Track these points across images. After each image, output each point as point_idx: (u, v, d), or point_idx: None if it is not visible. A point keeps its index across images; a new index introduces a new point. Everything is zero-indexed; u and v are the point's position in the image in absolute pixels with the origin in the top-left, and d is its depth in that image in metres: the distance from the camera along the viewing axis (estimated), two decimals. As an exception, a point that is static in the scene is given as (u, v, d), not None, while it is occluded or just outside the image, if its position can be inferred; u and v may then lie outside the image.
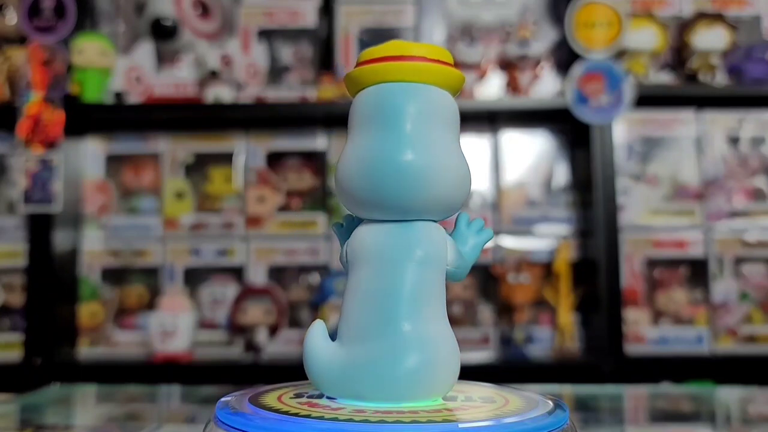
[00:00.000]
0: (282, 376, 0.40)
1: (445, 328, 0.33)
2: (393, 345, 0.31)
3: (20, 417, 0.60)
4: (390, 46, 0.34)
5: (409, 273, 0.32)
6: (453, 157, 0.34)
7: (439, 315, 0.33)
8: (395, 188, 0.32)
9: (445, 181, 0.33)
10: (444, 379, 0.32)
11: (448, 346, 0.32)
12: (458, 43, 1.22)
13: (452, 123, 0.35)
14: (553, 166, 1.26)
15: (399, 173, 0.32)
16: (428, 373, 0.31)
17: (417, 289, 0.32)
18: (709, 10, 1.25)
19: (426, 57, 0.34)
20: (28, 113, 1.15)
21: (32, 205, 1.15)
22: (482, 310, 1.21)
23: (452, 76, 0.35)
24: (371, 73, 0.34)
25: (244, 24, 1.26)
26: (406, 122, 0.33)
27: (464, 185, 0.34)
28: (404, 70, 0.34)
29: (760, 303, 1.19)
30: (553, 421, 0.30)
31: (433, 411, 0.31)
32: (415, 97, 0.33)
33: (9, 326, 1.20)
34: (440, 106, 0.34)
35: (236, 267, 1.23)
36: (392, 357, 0.31)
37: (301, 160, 1.26)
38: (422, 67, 0.34)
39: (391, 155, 0.32)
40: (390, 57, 0.34)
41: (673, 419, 0.63)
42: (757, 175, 1.22)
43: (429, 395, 0.32)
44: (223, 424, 0.30)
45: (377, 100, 0.34)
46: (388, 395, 0.31)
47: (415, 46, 0.34)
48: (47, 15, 1.18)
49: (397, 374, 0.31)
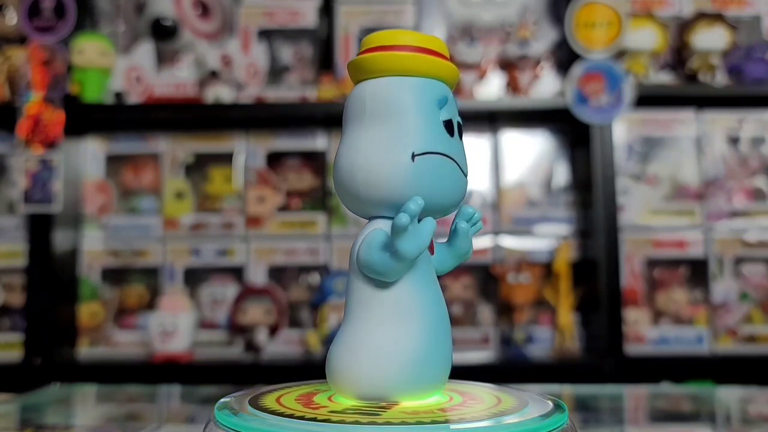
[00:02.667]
0: (282, 376, 0.40)
1: (374, 332, 0.32)
2: None
3: (20, 417, 0.60)
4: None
5: (350, 278, 0.34)
6: None
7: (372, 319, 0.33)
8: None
9: None
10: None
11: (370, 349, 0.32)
12: (458, 43, 1.22)
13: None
14: (553, 166, 1.26)
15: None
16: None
17: (347, 295, 0.34)
18: (709, 10, 1.25)
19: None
20: (28, 113, 1.15)
21: (32, 205, 1.15)
22: (482, 310, 1.21)
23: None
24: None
25: (244, 24, 1.26)
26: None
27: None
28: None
29: (760, 303, 1.19)
30: (553, 421, 0.30)
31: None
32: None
33: (9, 326, 1.20)
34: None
35: (236, 267, 1.23)
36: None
37: (301, 160, 1.25)
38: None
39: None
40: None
41: (673, 419, 0.63)
42: (757, 175, 1.22)
43: None
44: (221, 426, 0.30)
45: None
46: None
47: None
48: (47, 15, 1.18)
49: None
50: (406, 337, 0.32)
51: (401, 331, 0.32)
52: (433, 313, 0.33)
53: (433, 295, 0.34)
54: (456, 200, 0.34)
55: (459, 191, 0.34)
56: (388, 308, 0.32)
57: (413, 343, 0.32)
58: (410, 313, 0.32)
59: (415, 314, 0.32)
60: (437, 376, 0.33)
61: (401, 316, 0.32)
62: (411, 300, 0.33)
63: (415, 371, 0.32)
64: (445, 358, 0.33)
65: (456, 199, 0.34)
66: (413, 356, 0.32)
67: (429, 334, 0.32)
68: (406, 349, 0.32)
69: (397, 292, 0.33)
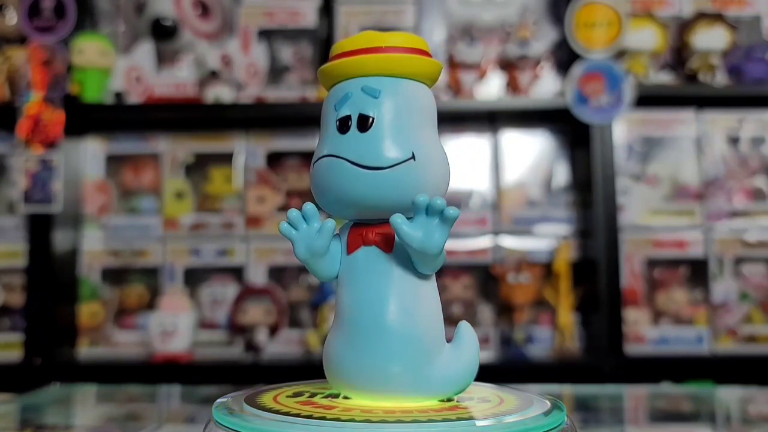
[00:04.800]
0: (282, 376, 0.40)
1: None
2: None
3: (20, 417, 0.61)
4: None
5: None
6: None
7: None
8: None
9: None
10: None
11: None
12: (458, 43, 1.22)
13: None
14: (553, 166, 1.26)
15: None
16: None
17: None
18: (709, 10, 1.25)
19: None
20: (28, 113, 1.15)
21: (32, 205, 1.15)
22: (482, 310, 1.21)
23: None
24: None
25: (244, 24, 1.26)
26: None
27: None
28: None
29: (760, 303, 1.19)
30: (552, 421, 0.30)
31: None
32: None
33: (9, 326, 1.20)
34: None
35: (236, 267, 1.23)
36: None
37: (301, 160, 1.26)
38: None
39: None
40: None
41: (673, 419, 0.63)
42: (757, 175, 1.22)
43: None
44: (220, 425, 0.30)
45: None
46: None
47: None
48: (47, 15, 1.18)
49: None
50: (333, 339, 0.34)
51: (333, 332, 0.34)
52: (355, 317, 0.32)
53: (364, 298, 0.33)
54: (362, 194, 0.32)
55: (357, 187, 0.32)
56: (337, 308, 0.34)
57: (337, 346, 0.33)
58: (341, 314, 0.33)
59: (344, 316, 0.33)
60: (365, 381, 0.32)
61: (338, 316, 0.34)
62: (342, 301, 0.33)
63: (343, 374, 0.33)
64: (368, 364, 0.32)
65: (360, 193, 0.32)
66: (337, 359, 0.33)
67: (348, 337, 0.33)
68: (332, 351, 0.33)
69: (338, 293, 0.34)
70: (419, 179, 0.32)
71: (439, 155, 0.34)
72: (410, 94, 0.33)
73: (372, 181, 0.32)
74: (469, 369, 0.34)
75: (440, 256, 0.32)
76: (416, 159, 0.32)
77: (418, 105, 0.33)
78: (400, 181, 0.32)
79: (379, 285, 0.32)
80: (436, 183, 0.33)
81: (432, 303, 0.33)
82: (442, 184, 0.34)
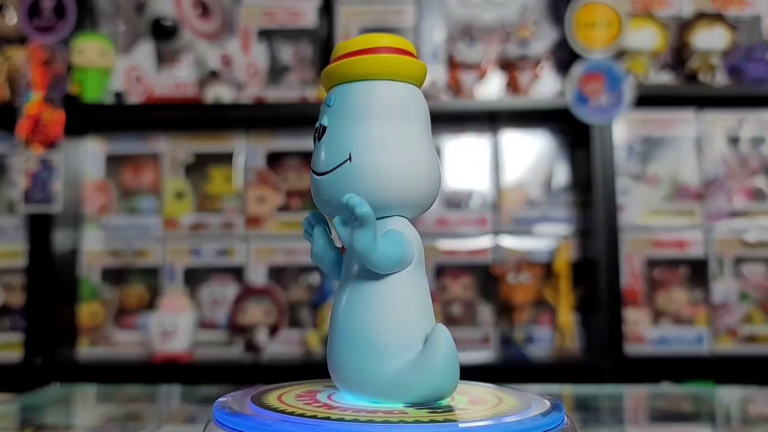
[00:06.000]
0: (282, 376, 0.40)
1: None
2: None
3: (20, 417, 0.61)
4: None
5: None
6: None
7: None
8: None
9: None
10: None
11: None
12: (458, 43, 1.22)
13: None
14: (553, 166, 1.26)
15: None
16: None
17: None
18: (709, 10, 1.25)
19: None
20: (28, 113, 1.15)
21: (32, 205, 1.15)
22: (482, 310, 1.21)
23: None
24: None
25: (244, 24, 1.26)
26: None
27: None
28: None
29: (760, 303, 1.19)
30: (551, 421, 0.30)
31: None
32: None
33: (9, 326, 1.20)
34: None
35: (236, 267, 1.23)
36: None
37: (301, 160, 1.26)
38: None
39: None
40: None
41: (673, 419, 0.63)
42: (757, 175, 1.22)
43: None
44: (221, 425, 0.30)
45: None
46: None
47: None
48: (47, 15, 1.18)
49: None
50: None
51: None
52: (336, 318, 0.34)
53: (336, 298, 0.34)
54: (318, 198, 0.34)
55: (315, 192, 0.34)
56: None
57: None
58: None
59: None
60: (346, 380, 0.33)
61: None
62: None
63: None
64: (339, 364, 0.33)
65: (317, 197, 0.34)
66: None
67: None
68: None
69: None
70: (356, 180, 0.32)
71: (391, 154, 0.32)
72: (366, 96, 0.33)
73: (320, 185, 0.34)
74: (438, 374, 0.31)
75: (377, 254, 0.31)
76: (353, 161, 0.32)
77: (379, 106, 0.33)
78: (338, 183, 0.33)
79: (343, 285, 0.34)
80: (381, 182, 0.32)
81: (397, 304, 0.32)
82: (393, 182, 0.32)
